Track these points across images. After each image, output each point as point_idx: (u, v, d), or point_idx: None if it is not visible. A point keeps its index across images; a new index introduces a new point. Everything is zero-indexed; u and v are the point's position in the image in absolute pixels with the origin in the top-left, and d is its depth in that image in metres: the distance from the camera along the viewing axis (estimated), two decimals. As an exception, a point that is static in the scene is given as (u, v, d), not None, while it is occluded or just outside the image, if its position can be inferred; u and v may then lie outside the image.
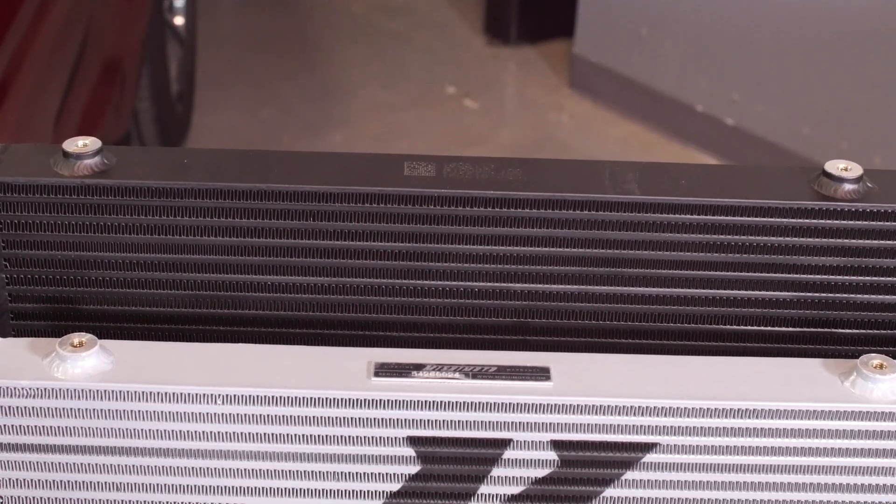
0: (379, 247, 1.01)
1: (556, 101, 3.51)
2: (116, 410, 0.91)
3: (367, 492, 0.94)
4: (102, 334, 0.93)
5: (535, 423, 0.91)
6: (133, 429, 0.91)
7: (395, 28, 3.86)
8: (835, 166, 1.01)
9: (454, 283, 1.02)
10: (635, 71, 3.34)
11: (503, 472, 0.93)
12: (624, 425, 0.92)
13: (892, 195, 1.01)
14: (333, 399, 0.91)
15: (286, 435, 0.92)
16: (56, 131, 1.88)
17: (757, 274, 1.02)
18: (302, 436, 0.92)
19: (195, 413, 0.91)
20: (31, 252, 1.01)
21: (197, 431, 0.91)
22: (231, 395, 0.90)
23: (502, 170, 1.01)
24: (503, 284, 1.03)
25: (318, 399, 0.91)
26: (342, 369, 0.92)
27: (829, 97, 2.95)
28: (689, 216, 1.00)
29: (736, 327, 1.04)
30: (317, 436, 0.92)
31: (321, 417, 0.91)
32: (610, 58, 3.40)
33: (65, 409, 0.90)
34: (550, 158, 1.06)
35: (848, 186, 1.01)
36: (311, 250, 1.01)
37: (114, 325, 1.03)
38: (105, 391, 0.90)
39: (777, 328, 1.04)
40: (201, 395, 0.90)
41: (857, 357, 0.93)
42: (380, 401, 0.91)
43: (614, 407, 0.91)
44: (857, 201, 1.00)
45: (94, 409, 0.91)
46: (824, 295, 1.03)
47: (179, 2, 3.10)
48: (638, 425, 0.91)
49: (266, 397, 0.90)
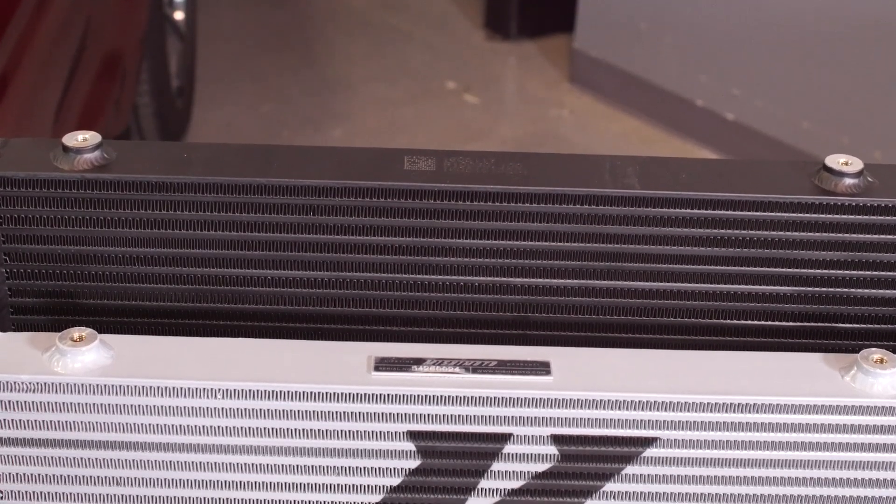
0: (379, 241, 1.01)
1: (556, 96, 3.51)
2: (116, 405, 0.91)
3: (367, 486, 0.94)
4: (102, 329, 0.93)
5: (535, 417, 0.91)
6: (133, 423, 0.91)
7: (396, 23, 3.86)
8: (835, 161, 1.01)
9: (454, 278, 1.02)
10: (635, 66, 3.34)
11: (503, 466, 0.93)
12: (624, 420, 0.91)
13: (893, 190, 1.01)
14: (334, 393, 0.91)
15: (286, 429, 0.92)
16: (56, 126, 1.87)
17: (757, 268, 1.02)
18: (302, 430, 0.92)
19: (195, 407, 0.91)
20: (30, 246, 1.01)
21: (197, 426, 0.91)
22: (231, 390, 0.90)
23: (502, 164, 1.01)
24: (503, 279, 1.03)
25: (319, 393, 0.90)
26: (342, 364, 0.92)
27: (830, 92, 2.95)
28: (689, 210, 1.00)
29: (736, 322, 1.04)
30: (317, 430, 0.92)
31: (321, 412, 0.91)
32: (610, 53, 3.40)
33: (65, 403, 0.90)
34: (550, 153, 1.06)
35: (848, 181, 1.00)
36: (312, 245, 1.01)
37: (114, 319, 1.03)
38: (105, 386, 0.90)
39: (777, 323, 1.04)
40: (201, 389, 0.90)
41: (857, 352, 0.93)
42: (380, 395, 0.91)
43: (615, 401, 0.91)
44: (857, 196, 1.00)
45: (94, 404, 0.91)
46: (824, 289, 1.03)
47: (179, -3, 3.10)
48: (638, 420, 0.91)
49: (266, 392, 0.90)
